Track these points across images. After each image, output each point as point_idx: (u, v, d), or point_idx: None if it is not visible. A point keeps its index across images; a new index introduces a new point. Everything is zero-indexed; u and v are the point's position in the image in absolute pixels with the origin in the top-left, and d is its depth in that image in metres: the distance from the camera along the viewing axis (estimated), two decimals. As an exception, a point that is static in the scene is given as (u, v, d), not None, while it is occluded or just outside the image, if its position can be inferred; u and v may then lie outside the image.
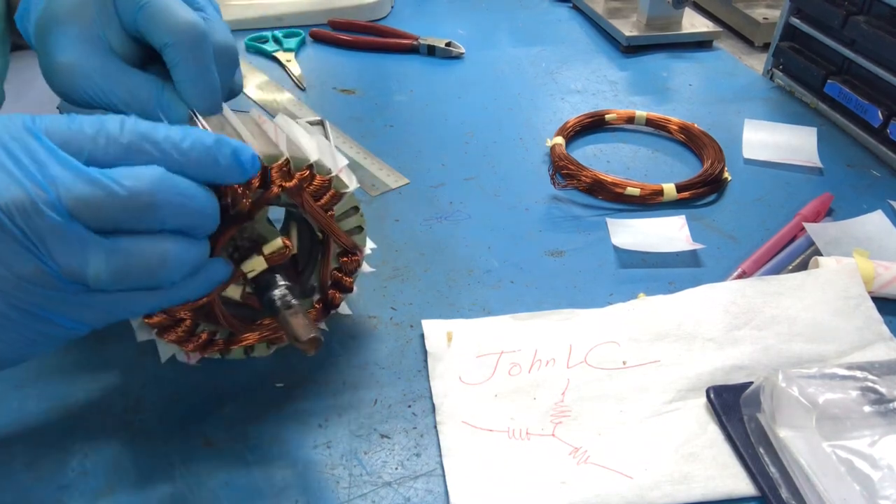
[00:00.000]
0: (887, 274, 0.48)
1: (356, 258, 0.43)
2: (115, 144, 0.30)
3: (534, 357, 0.44)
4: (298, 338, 0.34)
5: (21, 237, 0.28)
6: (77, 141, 0.29)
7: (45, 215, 0.28)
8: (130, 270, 0.30)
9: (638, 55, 0.85)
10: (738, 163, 0.65)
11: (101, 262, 0.29)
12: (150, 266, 0.31)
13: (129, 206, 0.29)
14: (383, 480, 0.37)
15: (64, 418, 0.40)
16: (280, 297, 0.36)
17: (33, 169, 0.28)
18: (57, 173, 0.28)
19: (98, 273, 0.29)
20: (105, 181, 0.29)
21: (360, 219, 0.42)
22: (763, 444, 0.38)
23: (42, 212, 0.28)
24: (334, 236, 0.41)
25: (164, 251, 0.31)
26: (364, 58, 0.85)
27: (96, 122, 0.30)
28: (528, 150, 0.67)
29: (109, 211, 0.29)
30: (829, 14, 0.68)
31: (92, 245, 0.29)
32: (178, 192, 0.31)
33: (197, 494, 0.37)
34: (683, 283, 0.49)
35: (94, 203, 0.29)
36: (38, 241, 0.28)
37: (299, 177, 0.37)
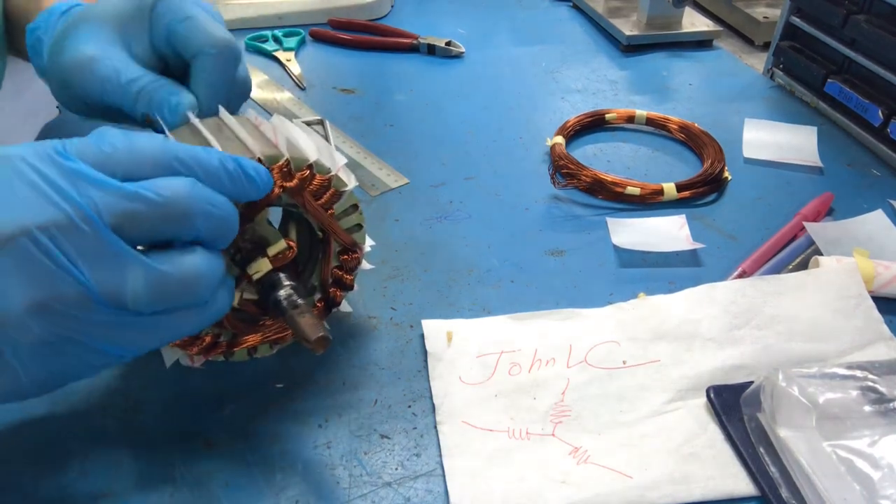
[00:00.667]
0: (887, 273, 0.48)
1: (356, 256, 0.43)
2: (144, 164, 0.31)
3: (534, 357, 0.44)
4: (307, 337, 0.34)
5: (61, 258, 0.28)
6: (108, 162, 0.30)
7: (85, 233, 0.28)
8: (168, 288, 0.31)
9: (638, 54, 0.85)
10: (738, 162, 0.65)
11: (140, 280, 0.30)
12: (186, 282, 0.31)
13: (166, 215, 0.30)
14: (383, 480, 0.37)
15: (64, 418, 0.40)
16: (286, 297, 0.36)
17: (69, 189, 0.28)
18: (93, 191, 0.29)
19: (136, 292, 0.30)
20: (142, 192, 0.30)
21: (359, 216, 0.42)
22: (763, 444, 0.38)
23: (82, 229, 0.28)
24: (335, 235, 0.41)
25: (197, 265, 0.32)
26: (364, 57, 0.85)
27: (125, 142, 0.31)
28: (528, 150, 0.66)
29: (148, 221, 0.30)
30: (829, 13, 0.68)
31: (130, 262, 0.29)
32: (207, 201, 0.32)
33: (197, 495, 0.37)
34: (683, 283, 0.49)
35: (133, 215, 0.29)
36: (79, 260, 0.28)
37: (300, 177, 0.38)
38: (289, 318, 0.36)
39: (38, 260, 0.28)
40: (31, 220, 0.28)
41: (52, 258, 0.28)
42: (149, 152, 0.31)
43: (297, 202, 0.38)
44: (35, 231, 0.28)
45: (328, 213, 0.40)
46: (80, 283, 0.29)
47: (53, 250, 0.28)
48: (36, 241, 0.28)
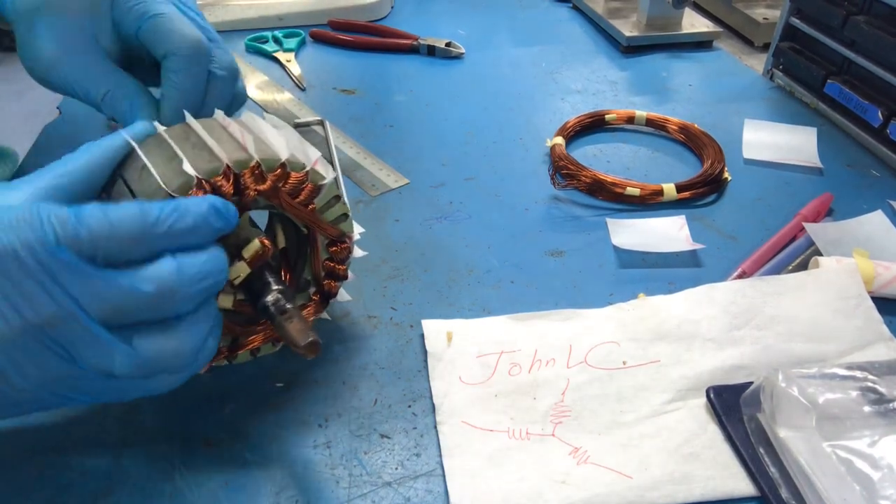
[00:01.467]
0: (887, 274, 0.48)
1: (346, 246, 0.43)
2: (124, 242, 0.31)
3: (534, 357, 0.44)
4: (296, 343, 0.34)
5: (55, 347, 0.30)
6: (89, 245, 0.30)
7: (75, 327, 0.30)
8: (153, 366, 0.32)
9: (638, 55, 0.85)
10: (738, 163, 0.65)
11: (126, 363, 0.31)
12: (168, 361, 0.33)
13: (153, 306, 0.32)
14: (383, 480, 0.37)
15: (64, 418, 0.40)
16: (273, 303, 0.36)
17: (56, 288, 0.29)
18: (82, 287, 0.30)
19: (123, 371, 0.31)
20: (128, 289, 0.31)
21: (343, 206, 0.41)
22: (763, 444, 0.38)
23: (72, 324, 0.30)
24: (319, 229, 0.41)
25: (181, 345, 0.33)
26: (364, 58, 0.85)
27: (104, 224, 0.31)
28: (528, 150, 0.67)
29: (136, 312, 0.31)
30: (829, 14, 0.68)
31: (116, 350, 0.31)
32: (194, 280, 0.32)
33: (197, 494, 0.37)
34: (683, 283, 0.49)
35: (121, 308, 0.31)
36: (71, 349, 0.30)
37: (272, 178, 0.37)
38: (277, 325, 0.35)
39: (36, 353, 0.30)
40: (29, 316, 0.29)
41: (45, 346, 0.30)
42: (126, 231, 0.31)
43: (274, 203, 0.38)
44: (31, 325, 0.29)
45: (309, 209, 0.39)
46: (74, 364, 0.31)
47: (47, 341, 0.30)
48: (33, 334, 0.29)
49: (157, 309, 0.32)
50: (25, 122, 0.64)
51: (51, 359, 0.30)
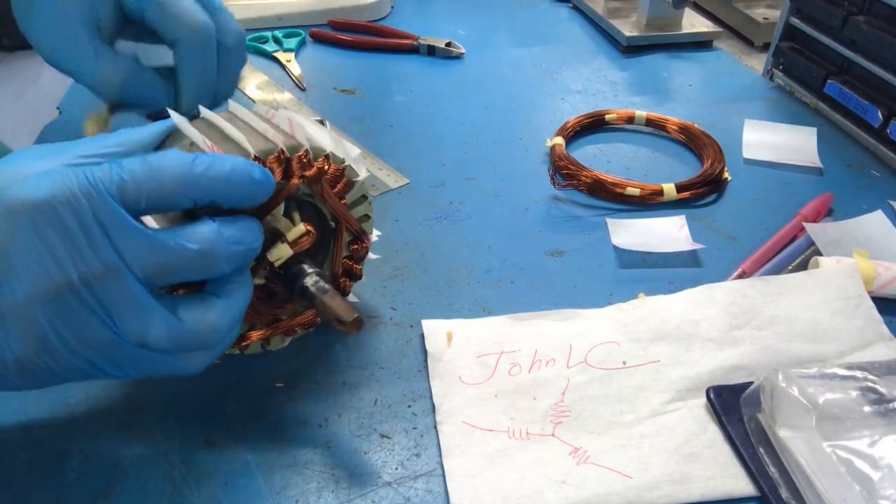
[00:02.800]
0: (887, 274, 0.48)
1: (365, 245, 0.44)
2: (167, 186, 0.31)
3: (534, 357, 0.44)
4: (343, 319, 0.35)
5: (97, 308, 0.30)
6: (134, 192, 0.30)
7: (115, 284, 0.30)
8: (188, 337, 0.32)
9: (638, 55, 0.85)
10: (738, 163, 0.65)
11: (162, 329, 0.31)
12: (203, 333, 0.33)
13: (195, 265, 0.32)
14: (383, 480, 0.37)
15: (64, 418, 0.40)
16: (314, 284, 0.37)
17: (105, 240, 0.29)
18: (124, 240, 0.30)
19: (158, 339, 0.31)
20: (172, 245, 0.31)
21: (368, 207, 0.43)
22: (763, 444, 0.38)
23: (113, 281, 0.30)
24: (348, 223, 0.42)
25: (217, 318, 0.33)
26: (364, 58, 0.85)
27: (146, 169, 0.31)
28: (528, 150, 0.66)
29: (176, 270, 0.31)
30: (829, 14, 0.68)
31: (155, 314, 0.31)
32: (232, 242, 0.33)
33: (197, 495, 0.37)
34: (683, 283, 0.49)
35: (161, 265, 0.31)
36: (112, 310, 0.30)
37: (317, 166, 0.39)
38: (319, 303, 0.36)
39: (78, 311, 0.30)
40: (73, 273, 0.29)
41: (90, 309, 0.30)
42: (168, 174, 0.31)
43: (315, 191, 0.39)
44: (77, 283, 0.29)
45: (341, 203, 0.41)
46: (112, 330, 0.30)
47: (91, 302, 0.30)
48: (77, 294, 0.29)
49: (197, 269, 0.32)
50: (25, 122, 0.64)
51: (90, 320, 0.30)
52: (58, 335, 0.30)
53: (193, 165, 0.32)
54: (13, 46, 0.65)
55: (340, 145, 0.41)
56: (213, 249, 0.32)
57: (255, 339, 0.41)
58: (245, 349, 0.41)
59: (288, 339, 0.43)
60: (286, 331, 0.42)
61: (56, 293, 0.29)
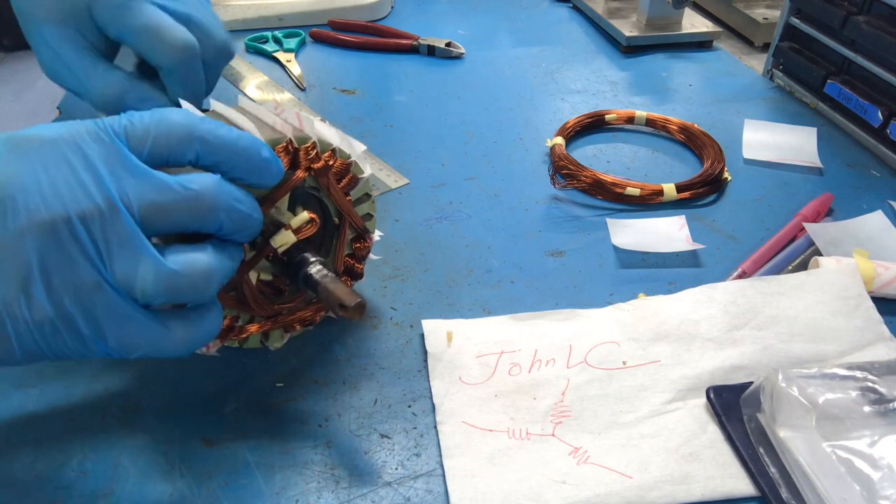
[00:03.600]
0: (887, 274, 0.48)
1: (367, 244, 0.44)
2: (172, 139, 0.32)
3: (534, 357, 0.44)
4: (346, 304, 0.35)
5: (90, 246, 0.29)
6: (139, 137, 0.31)
7: (111, 222, 0.29)
8: (175, 284, 0.31)
9: (638, 55, 0.85)
10: (738, 163, 0.65)
11: (150, 273, 0.30)
12: (193, 281, 0.32)
13: (192, 209, 0.32)
14: (383, 480, 0.37)
15: (64, 418, 0.40)
16: (318, 272, 0.37)
17: (106, 176, 0.30)
18: (127, 178, 0.30)
19: (145, 285, 0.30)
20: (171, 185, 0.31)
21: (371, 205, 0.44)
22: (763, 444, 0.38)
23: (110, 218, 0.29)
24: (351, 219, 0.42)
25: (207, 266, 0.32)
26: (364, 58, 0.85)
27: (155, 115, 0.32)
28: (528, 150, 0.67)
29: (174, 213, 0.31)
30: (829, 14, 0.68)
31: (145, 256, 0.30)
32: (233, 196, 0.33)
33: (197, 494, 0.37)
34: (683, 283, 0.49)
35: (160, 206, 0.31)
36: (102, 246, 0.30)
37: (325, 158, 0.39)
38: (322, 290, 0.36)
39: (69, 247, 0.29)
40: (72, 207, 0.29)
41: (81, 246, 0.29)
42: (177, 129, 0.32)
43: (321, 184, 0.40)
44: (74, 218, 0.29)
45: (346, 199, 0.41)
46: (99, 271, 0.30)
47: (85, 238, 0.29)
48: (72, 229, 0.29)
49: (194, 213, 0.32)
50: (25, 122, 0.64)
51: (79, 259, 0.29)
52: (43, 273, 0.29)
53: (201, 121, 0.33)
54: (13, 46, 0.65)
55: (346, 141, 0.41)
56: (212, 196, 0.32)
57: (255, 331, 0.41)
58: (244, 342, 0.41)
59: (287, 337, 0.43)
60: (285, 327, 0.42)
61: (51, 227, 0.29)
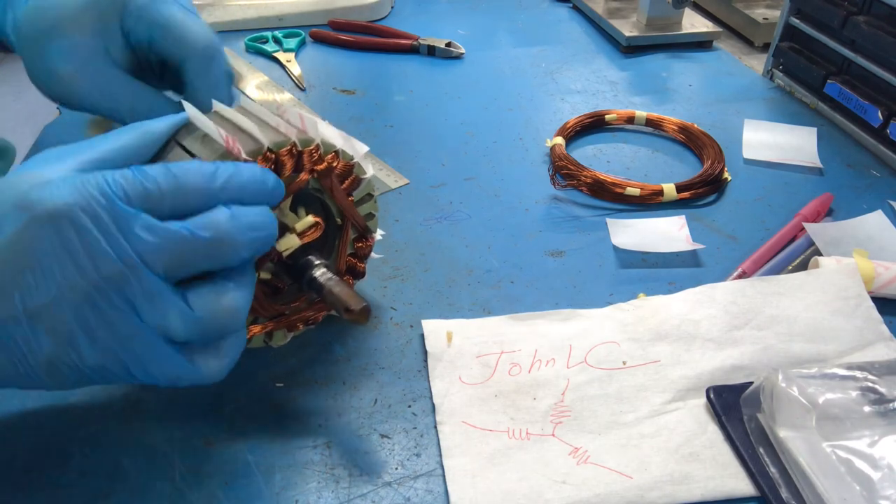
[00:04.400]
0: (887, 274, 0.48)
1: (369, 244, 0.45)
2: (190, 197, 0.32)
3: (534, 357, 0.44)
4: (351, 308, 0.35)
5: (122, 304, 0.31)
6: (153, 199, 0.31)
7: (135, 280, 0.31)
8: (207, 323, 0.33)
9: (638, 55, 0.85)
10: (738, 163, 0.65)
11: (181, 318, 0.32)
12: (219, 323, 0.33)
13: (214, 255, 0.32)
14: (383, 480, 0.37)
15: (64, 419, 0.40)
16: (322, 275, 0.38)
17: (123, 243, 0.30)
18: (142, 236, 0.31)
19: (179, 327, 0.32)
20: (186, 234, 0.31)
21: (373, 205, 0.44)
22: (763, 444, 0.38)
23: (139, 278, 0.31)
24: (354, 220, 0.42)
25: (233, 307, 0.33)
26: (364, 58, 0.85)
27: (169, 179, 0.32)
28: (528, 150, 0.66)
29: (196, 263, 0.32)
30: (829, 14, 0.68)
31: (173, 305, 0.31)
32: (249, 227, 0.33)
33: (197, 495, 0.37)
34: (683, 283, 0.49)
35: (179, 256, 0.31)
36: (136, 304, 0.31)
37: (329, 160, 0.39)
38: (327, 293, 0.37)
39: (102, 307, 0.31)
40: (101, 271, 0.30)
41: (113, 305, 0.31)
42: (192, 186, 0.32)
43: (324, 185, 0.40)
44: (100, 282, 0.30)
45: (349, 199, 0.42)
46: (134, 323, 0.31)
47: (115, 298, 0.31)
48: (101, 291, 0.30)
49: (213, 256, 0.32)
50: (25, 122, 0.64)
51: (115, 317, 0.31)
52: (86, 333, 0.31)
53: (214, 178, 0.33)
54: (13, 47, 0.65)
55: (349, 143, 0.41)
56: (227, 235, 0.32)
57: (259, 332, 0.41)
58: (248, 342, 0.41)
59: (290, 336, 0.43)
60: (288, 326, 0.42)
61: (83, 294, 0.30)
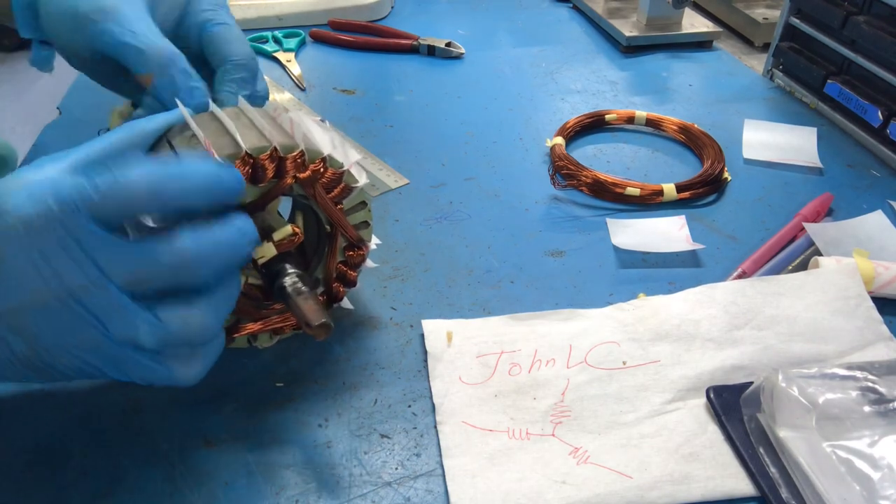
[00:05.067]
0: (887, 274, 0.48)
1: (361, 253, 0.44)
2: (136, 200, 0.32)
3: (534, 357, 0.44)
4: (309, 322, 0.35)
5: (86, 314, 0.31)
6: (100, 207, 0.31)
7: (102, 296, 0.31)
8: (177, 336, 0.33)
9: (638, 55, 0.85)
10: (738, 163, 0.65)
11: (150, 332, 0.32)
12: (189, 335, 0.33)
13: (178, 273, 0.32)
14: (383, 480, 0.37)
15: (64, 418, 0.40)
16: (291, 285, 0.37)
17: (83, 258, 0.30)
18: (108, 256, 0.31)
19: (148, 340, 0.32)
20: (152, 255, 0.31)
21: (367, 214, 0.43)
22: (763, 444, 0.38)
23: (100, 293, 0.31)
24: (342, 229, 0.42)
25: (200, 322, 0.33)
26: (364, 58, 0.85)
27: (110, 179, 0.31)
28: (528, 150, 0.66)
29: (160, 280, 0.32)
30: (829, 14, 0.68)
31: (140, 319, 0.32)
32: (217, 243, 0.33)
33: (197, 495, 0.37)
34: (683, 283, 0.49)
35: (146, 275, 0.32)
36: (101, 316, 0.31)
37: (313, 168, 0.39)
38: (291, 304, 0.36)
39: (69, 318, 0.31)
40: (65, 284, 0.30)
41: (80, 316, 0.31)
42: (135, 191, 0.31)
43: (308, 193, 0.39)
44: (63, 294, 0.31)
45: (337, 208, 0.41)
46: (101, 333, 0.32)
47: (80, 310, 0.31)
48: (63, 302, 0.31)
49: (176, 278, 0.32)
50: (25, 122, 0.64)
51: (80, 325, 0.31)
52: (53, 338, 0.32)
53: (158, 176, 0.32)
54: (13, 46, 0.65)
55: (342, 149, 0.41)
56: (196, 255, 0.32)
57: (241, 334, 0.41)
58: (230, 343, 0.41)
59: (276, 339, 0.43)
60: (275, 330, 0.42)
61: (46, 303, 0.31)
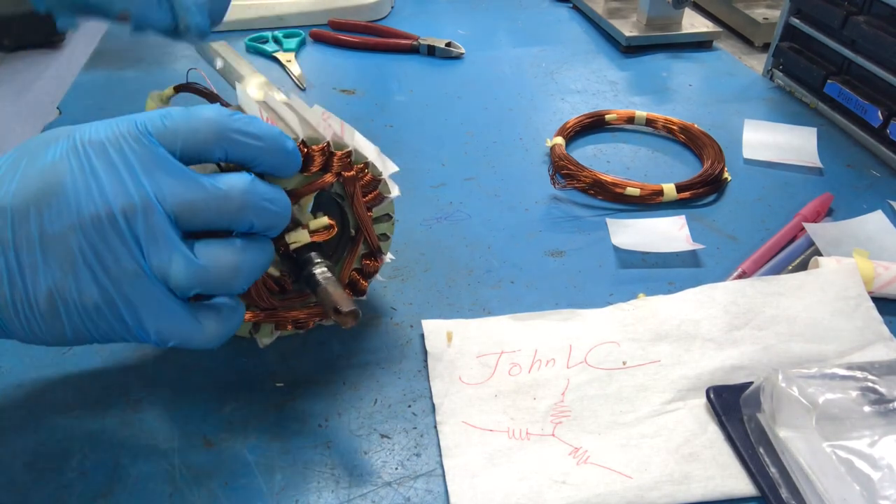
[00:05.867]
0: (887, 274, 0.48)
1: (377, 263, 0.45)
2: (203, 134, 0.34)
3: (534, 357, 0.44)
4: (340, 308, 0.35)
5: (130, 238, 0.32)
6: (172, 136, 0.33)
7: (147, 218, 0.32)
8: (205, 278, 0.34)
9: (638, 55, 0.85)
10: (738, 163, 0.65)
11: (181, 268, 0.33)
12: (221, 277, 0.34)
13: (222, 208, 0.34)
14: (383, 480, 0.37)
15: (64, 418, 0.40)
16: (321, 273, 0.38)
17: (144, 176, 0.32)
18: (165, 180, 0.32)
19: (178, 278, 0.33)
20: (205, 185, 0.33)
21: (389, 227, 0.45)
22: (763, 444, 0.38)
23: (146, 215, 0.32)
24: (367, 234, 0.43)
25: (235, 263, 0.34)
26: (364, 58, 0.85)
27: (186, 114, 0.34)
28: (528, 150, 0.66)
29: (205, 212, 0.33)
30: (829, 14, 0.68)
31: (177, 250, 0.33)
32: (263, 197, 0.35)
33: (197, 495, 0.37)
34: (683, 283, 0.49)
35: (192, 205, 0.33)
36: (143, 242, 0.32)
37: (357, 168, 0.40)
38: (321, 291, 0.37)
39: (111, 238, 0.32)
40: (115, 203, 0.32)
41: (122, 238, 0.32)
42: (204, 129, 0.34)
43: (347, 192, 0.41)
44: (116, 213, 0.32)
45: (368, 213, 0.42)
46: (137, 261, 0.32)
47: (125, 231, 0.32)
48: (114, 223, 0.32)
49: (224, 213, 0.34)
50: (25, 122, 0.64)
51: (120, 249, 0.32)
52: (89, 262, 0.32)
53: (230, 120, 0.34)
54: (13, 46, 0.65)
55: (381, 160, 0.42)
56: (242, 196, 0.34)
57: (247, 319, 0.41)
58: None
59: (276, 334, 0.43)
60: (277, 322, 0.42)
61: (97, 221, 0.32)
